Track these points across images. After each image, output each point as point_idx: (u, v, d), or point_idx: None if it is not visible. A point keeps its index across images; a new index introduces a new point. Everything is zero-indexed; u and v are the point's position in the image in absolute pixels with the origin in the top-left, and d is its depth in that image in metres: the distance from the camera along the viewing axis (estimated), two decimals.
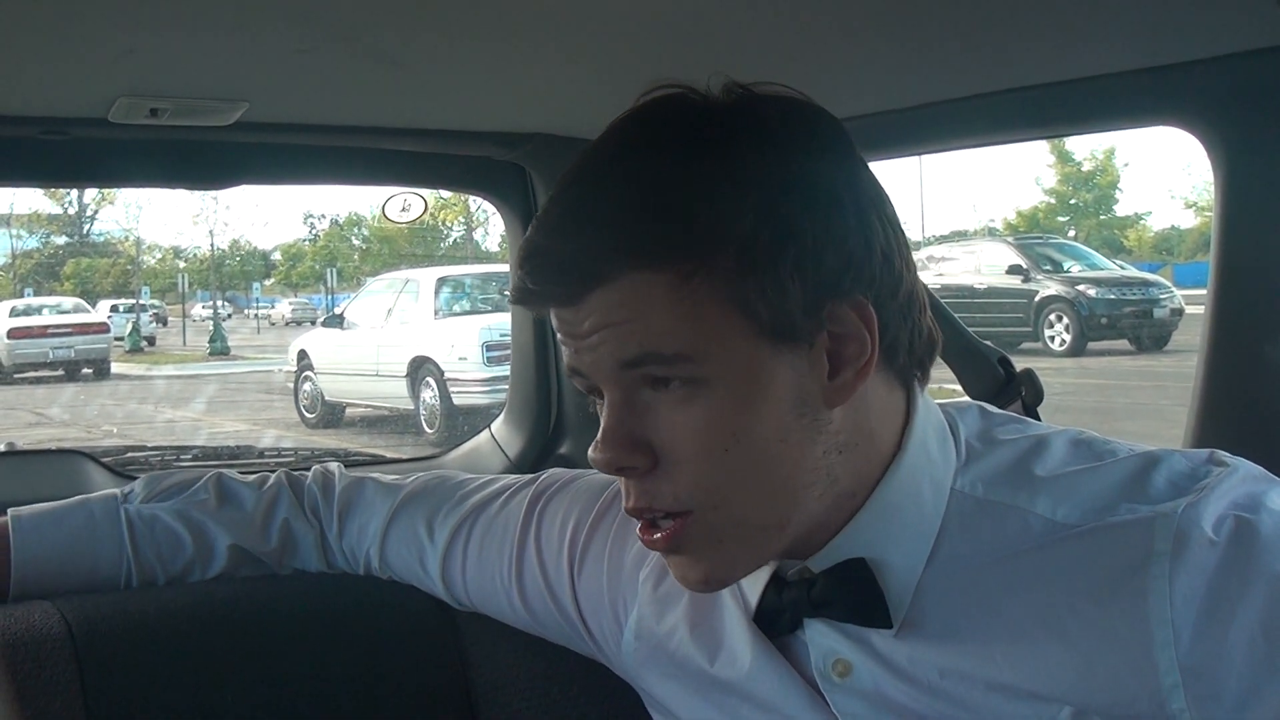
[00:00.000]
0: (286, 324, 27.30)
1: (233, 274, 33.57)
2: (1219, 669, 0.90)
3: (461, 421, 10.75)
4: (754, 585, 1.11)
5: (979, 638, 1.00)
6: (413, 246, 31.17)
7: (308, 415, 12.90)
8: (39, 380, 17.47)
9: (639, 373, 0.97)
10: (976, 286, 15.36)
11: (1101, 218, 32.46)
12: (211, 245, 31.96)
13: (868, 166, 1.05)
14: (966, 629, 1.01)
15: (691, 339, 0.96)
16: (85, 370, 18.05)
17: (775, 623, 1.10)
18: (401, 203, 2.39)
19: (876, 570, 1.02)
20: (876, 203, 1.02)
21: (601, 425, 1.00)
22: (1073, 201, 32.31)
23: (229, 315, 29.66)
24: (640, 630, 1.24)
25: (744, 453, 0.97)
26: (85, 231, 31.39)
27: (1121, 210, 33.32)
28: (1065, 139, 28.16)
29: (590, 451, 1.01)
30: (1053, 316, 15.07)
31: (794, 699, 1.09)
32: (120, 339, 21.07)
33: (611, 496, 1.31)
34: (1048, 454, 1.04)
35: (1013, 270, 15.58)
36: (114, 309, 24.35)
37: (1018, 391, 1.71)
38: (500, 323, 10.26)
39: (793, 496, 0.99)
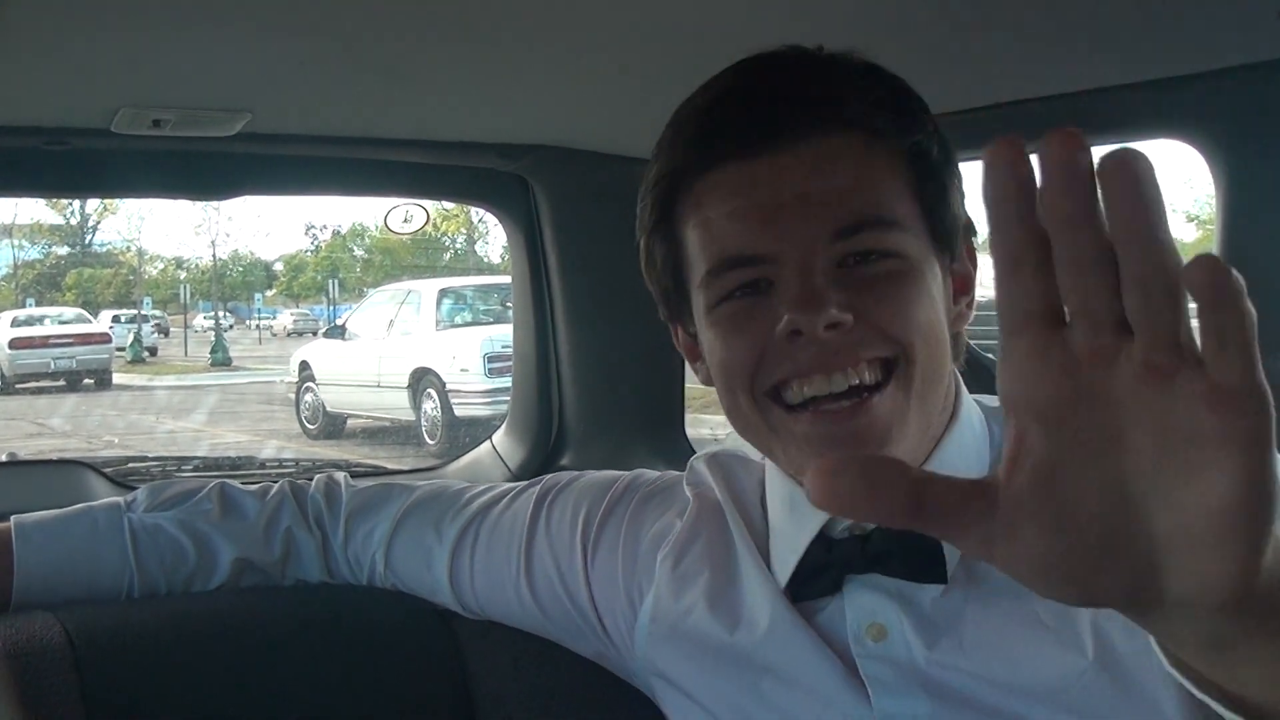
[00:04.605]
0: (288, 335, 27.30)
1: (234, 285, 33.61)
2: None
3: (463, 433, 10.76)
4: (792, 547, 1.11)
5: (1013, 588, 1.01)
6: (415, 258, 31.22)
7: (309, 426, 12.92)
8: (40, 390, 17.48)
9: (845, 244, 0.99)
10: (979, 298, 15.36)
11: None
12: (213, 256, 32.04)
13: None
14: (998, 579, 1.02)
15: (905, 210, 1.01)
16: (87, 381, 18.06)
17: (815, 583, 1.10)
18: (403, 214, 2.40)
19: None
20: None
21: (795, 292, 0.98)
22: None
23: (231, 326, 29.70)
24: (657, 611, 1.23)
25: (930, 314, 1.00)
26: (87, 242, 31.44)
27: None
28: None
29: (794, 314, 0.97)
30: None
31: (816, 668, 1.08)
32: (122, 349, 21.08)
33: (620, 490, 1.33)
34: None
35: None
36: (116, 319, 24.34)
37: None
38: (502, 334, 10.26)
39: (943, 384, 1.03)
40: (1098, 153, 0.51)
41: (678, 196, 1.07)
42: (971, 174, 1.10)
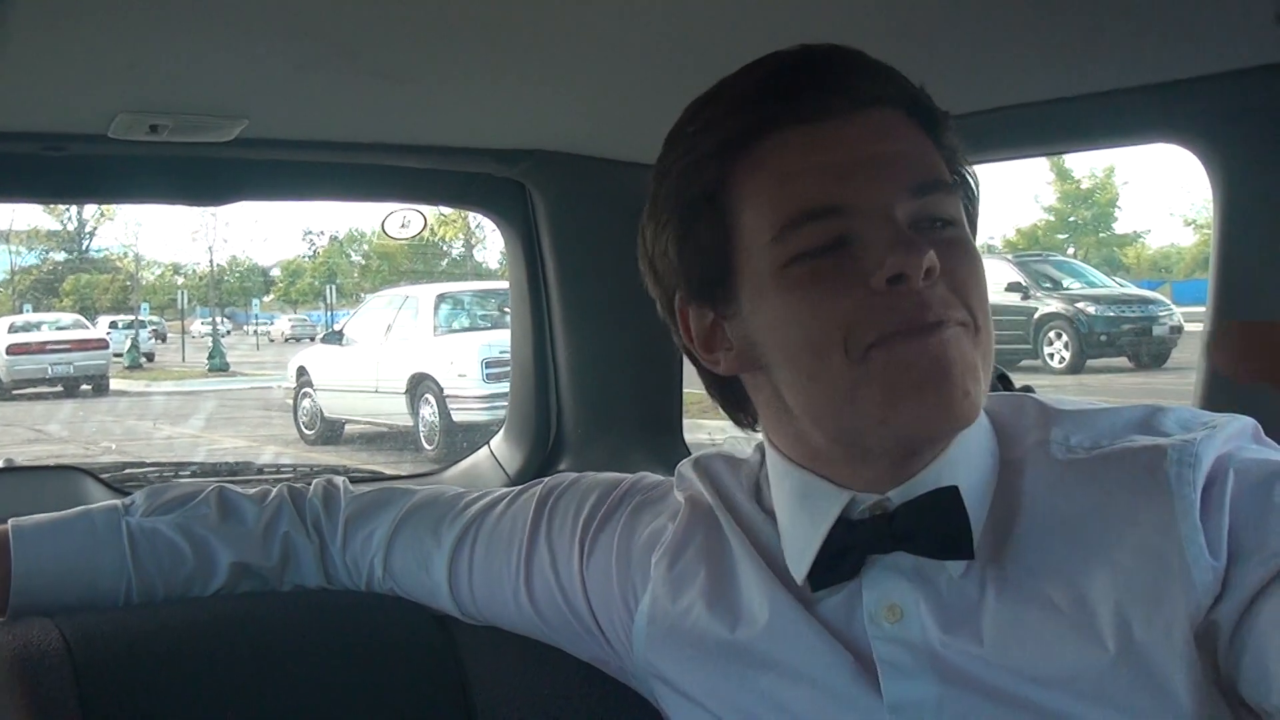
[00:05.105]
0: (286, 340, 27.25)
1: (232, 290, 33.53)
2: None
3: (460, 438, 10.75)
4: (810, 536, 1.09)
5: (1030, 566, 1.02)
6: (412, 263, 31.18)
7: (307, 432, 12.90)
8: (38, 396, 17.44)
9: (919, 202, 1.00)
10: None
11: (1101, 235, 32.45)
12: (211, 261, 31.94)
13: None
14: (1021, 558, 1.02)
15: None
16: (84, 386, 18.02)
17: (836, 569, 1.08)
18: (401, 219, 2.40)
19: (964, 498, 1.03)
20: None
21: (891, 237, 0.98)
22: (1072, 219, 32.31)
23: (228, 331, 29.63)
24: (654, 613, 1.22)
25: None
26: (84, 248, 31.37)
27: (1121, 228, 33.31)
28: (1064, 156, 28.19)
29: (895, 256, 0.96)
30: (1052, 334, 15.06)
31: (821, 659, 1.08)
32: (119, 355, 21.02)
33: (621, 493, 1.32)
34: (1064, 398, 1.12)
35: (1012, 287, 15.57)
36: (113, 325, 24.29)
37: None
38: (499, 340, 10.26)
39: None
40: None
41: (733, 165, 1.04)
42: (981, 174, 1.14)
